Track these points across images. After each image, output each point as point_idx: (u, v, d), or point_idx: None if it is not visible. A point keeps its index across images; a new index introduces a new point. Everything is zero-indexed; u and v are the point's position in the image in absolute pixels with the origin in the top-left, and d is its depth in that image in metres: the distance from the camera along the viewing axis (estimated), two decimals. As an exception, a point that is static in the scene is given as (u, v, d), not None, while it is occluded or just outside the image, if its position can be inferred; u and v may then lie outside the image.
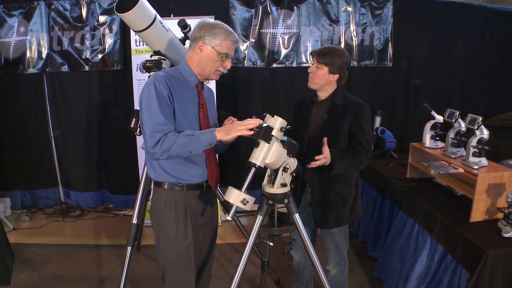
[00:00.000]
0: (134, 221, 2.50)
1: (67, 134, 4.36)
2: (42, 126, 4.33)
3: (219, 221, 4.05)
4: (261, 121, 1.69)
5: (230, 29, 1.84)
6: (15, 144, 4.33)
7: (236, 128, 1.68)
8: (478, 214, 2.25)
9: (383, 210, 3.13)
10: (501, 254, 1.93)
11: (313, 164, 2.03)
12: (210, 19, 1.85)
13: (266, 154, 1.68)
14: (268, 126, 1.68)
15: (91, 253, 3.48)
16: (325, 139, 2.04)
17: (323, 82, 2.17)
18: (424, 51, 4.36)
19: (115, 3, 3.79)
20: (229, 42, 1.81)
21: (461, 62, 4.43)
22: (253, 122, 1.67)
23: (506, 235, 2.04)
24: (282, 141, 1.74)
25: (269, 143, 1.68)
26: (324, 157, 2.02)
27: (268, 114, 1.73)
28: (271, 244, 1.92)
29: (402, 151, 3.70)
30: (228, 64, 1.87)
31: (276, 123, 1.69)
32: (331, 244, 2.34)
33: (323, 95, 2.23)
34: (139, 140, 3.78)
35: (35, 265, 3.26)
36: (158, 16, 2.36)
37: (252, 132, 1.67)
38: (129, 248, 2.45)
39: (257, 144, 1.70)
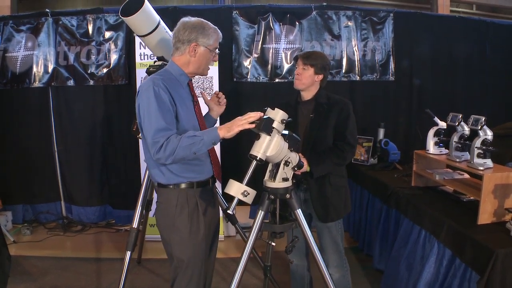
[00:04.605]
0: (134, 225, 2.46)
1: (70, 148, 4.36)
2: (46, 140, 4.33)
3: (222, 236, 3.99)
4: (262, 113, 1.69)
5: (212, 24, 1.91)
6: (19, 157, 4.33)
7: (237, 123, 1.68)
8: (485, 216, 2.20)
9: (388, 221, 3.07)
10: (511, 253, 1.86)
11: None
12: (192, 18, 1.87)
13: (267, 146, 1.67)
14: (269, 118, 1.67)
15: (91, 266, 3.42)
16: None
17: (310, 82, 2.31)
18: (426, 64, 4.41)
19: (120, 19, 3.89)
20: (219, 38, 1.91)
21: (463, 75, 4.47)
22: (254, 115, 1.68)
23: (515, 235, 1.99)
24: (283, 135, 1.74)
25: (270, 135, 1.67)
26: None
27: (269, 108, 1.73)
28: (273, 244, 1.89)
29: (406, 163, 3.67)
30: (216, 57, 1.96)
31: (277, 115, 1.69)
32: (329, 241, 2.34)
33: (307, 95, 2.36)
34: (142, 153, 3.77)
35: (34, 277, 3.20)
36: (162, 22, 2.41)
37: (253, 126, 1.67)
38: (128, 253, 2.41)
39: (258, 137, 1.69)
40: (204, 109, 2.17)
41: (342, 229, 2.42)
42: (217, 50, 1.91)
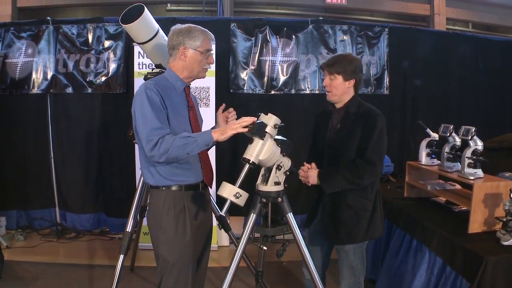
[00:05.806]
0: (128, 229, 2.48)
1: (67, 155, 4.36)
2: (43, 146, 4.34)
3: (215, 245, 3.98)
4: (255, 118, 1.74)
5: (202, 27, 1.94)
6: (15, 163, 4.34)
7: (231, 127, 1.73)
8: (476, 225, 2.23)
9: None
10: (501, 260, 1.90)
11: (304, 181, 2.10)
12: (181, 25, 1.93)
13: (260, 150, 1.71)
14: (262, 122, 1.72)
15: (83, 272, 3.41)
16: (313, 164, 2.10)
17: (341, 91, 2.12)
18: (420, 78, 4.47)
19: (120, 29, 3.95)
20: (208, 39, 1.93)
21: (456, 89, 4.55)
22: (247, 119, 1.72)
23: (505, 243, 2.01)
24: (276, 140, 1.78)
25: (263, 139, 1.71)
26: (302, 177, 2.09)
27: (262, 113, 1.78)
28: (265, 248, 1.91)
29: (399, 176, 3.69)
30: (212, 59, 1.97)
31: (270, 120, 1.74)
32: (345, 264, 2.20)
33: (339, 103, 2.19)
34: (138, 162, 3.79)
35: (26, 281, 3.18)
36: (161, 30, 2.47)
37: (246, 130, 1.71)
38: (121, 257, 2.42)
39: (251, 141, 1.73)
40: (209, 119, 2.20)
41: (364, 256, 2.21)
42: (210, 52, 1.94)
